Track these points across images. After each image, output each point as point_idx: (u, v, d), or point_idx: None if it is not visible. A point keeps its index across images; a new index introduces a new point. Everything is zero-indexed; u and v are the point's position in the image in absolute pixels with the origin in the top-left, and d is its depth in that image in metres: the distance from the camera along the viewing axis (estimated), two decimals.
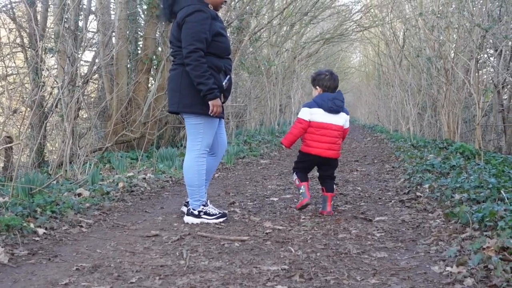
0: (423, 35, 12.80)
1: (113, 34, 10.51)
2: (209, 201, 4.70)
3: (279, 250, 3.61)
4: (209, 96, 4.28)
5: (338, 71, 33.98)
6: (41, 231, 3.97)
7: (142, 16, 12.05)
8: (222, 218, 4.53)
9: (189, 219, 4.52)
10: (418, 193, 5.65)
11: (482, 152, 7.86)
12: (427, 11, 12.02)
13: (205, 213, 4.51)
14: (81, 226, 4.30)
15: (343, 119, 4.93)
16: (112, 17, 11.06)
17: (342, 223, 4.49)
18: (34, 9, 9.92)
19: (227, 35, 4.63)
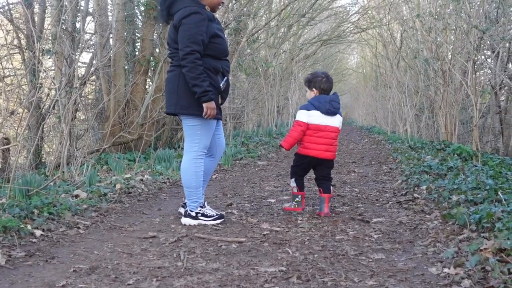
0: (420, 36, 12.81)
1: (111, 35, 10.52)
2: (206, 202, 4.69)
3: (276, 252, 3.60)
4: (203, 98, 4.27)
5: (335, 72, 34.08)
6: (38, 232, 3.96)
7: (140, 17, 12.05)
8: (220, 220, 4.53)
9: (186, 221, 4.52)
10: (416, 195, 5.65)
11: (479, 153, 7.86)
12: (424, 12, 12.02)
13: (203, 215, 4.51)
14: (79, 228, 4.30)
15: (339, 120, 4.98)
16: (110, 19, 11.07)
17: (339, 224, 4.49)
18: (31, 10, 9.92)
19: (225, 36, 4.63)
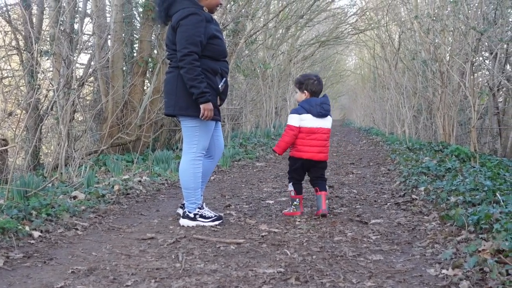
0: (418, 38, 12.83)
1: (109, 36, 10.51)
2: (205, 203, 4.69)
3: (275, 253, 3.60)
4: (200, 99, 4.26)
5: (333, 74, 34.11)
6: (36, 234, 3.95)
7: (138, 18, 12.03)
8: (218, 221, 4.52)
9: (184, 222, 4.51)
10: (414, 196, 5.65)
11: (477, 154, 7.88)
12: (422, 14, 12.06)
13: (201, 216, 4.50)
14: (77, 229, 4.29)
15: (330, 122, 5.04)
16: (108, 20, 11.06)
17: (337, 225, 4.49)
18: (29, 11, 9.90)
19: (223, 37, 4.63)
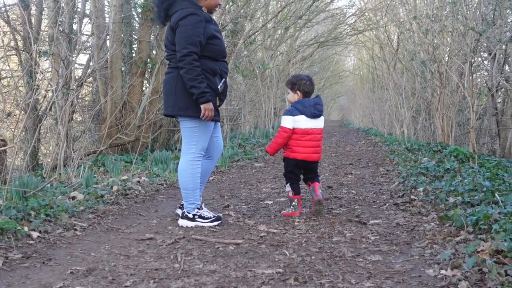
0: (417, 38, 12.84)
1: (108, 37, 10.51)
2: (204, 204, 4.69)
3: (273, 254, 3.60)
4: (201, 99, 4.27)
5: (332, 74, 34.12)
6: (35, 234, 3.95)
7: (137, 19, 12.05)
8: (217, 222, 4.52)
9: (183, 222, 4.51)
10: (413, 196, 5.65)
11: (476, 155, 7.88)
12: (421, 14, 12.05)
13: (200, 217, 4.50)
14: (75, 230, 4.29)
15: (322, 121, 5.08)
16: (107, 20, 11.05)
17: (336, 226, 4.49)
18: (28, 12, 9.90)
19: (222, 37, 4.63)
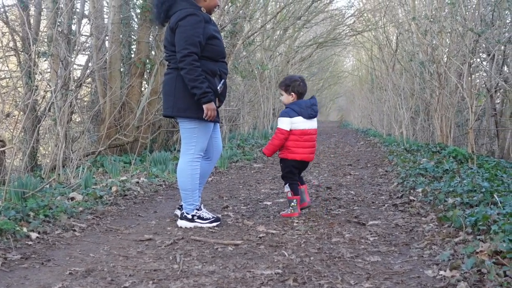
0: (416, 39, 12.84)
1: (106, 38, 10.50)
2: (203, 205, 4.69)
3: (272, 254, 3.61)
4: (203, 100, 4.27)
5: (331, 75, 34.13)
6: (34, 235, 3.95)
7: (136, 20, 12.03)
8: (216, 223, 4.52)
9: (182, 223, 4.51)
10: (412, 197, 5.65)
11: (475, 156, 7.88)
12: (420, 15, 12.06)
13: (199, 217, 4.50)
14: (74, 230, 4.29)
15: (316, 122, 5.12)
16: (106, 21, 11.05)
17: (335, 227, 4.49)
18: (27, 12, 9.89)
19: (221, 38, 4.63)
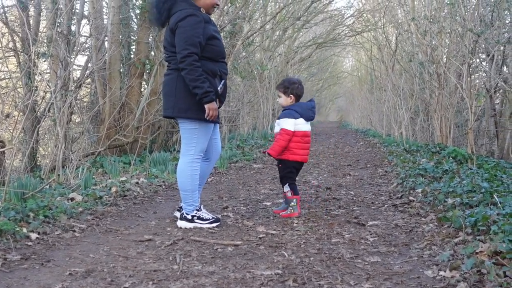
0: (415, 39, 12.85)
1: (106, 38, 10.50)
2: (202, 205, 4.69)
3: (272, 255, 3.60)
4: (205, 99, 4.27)
5: (330, 75, 34.16)
6: (34, 235, 3.95)
7: (135, 20, 12.04)
8: (216, 223, 4.52)
9: (182, 224, 4.51)
10: (411, 198, 5.66)
11: (474, 156, 7.88)
12: (419, 16, 12.06)
13: (199, 218, 4.50)
14: (74, 231, 4.29)
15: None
16: (105, 22, 11.04)
17: (335, 227, 4.49)
18: (26, 13, 9.88)
19: (221, 38, 4.63)
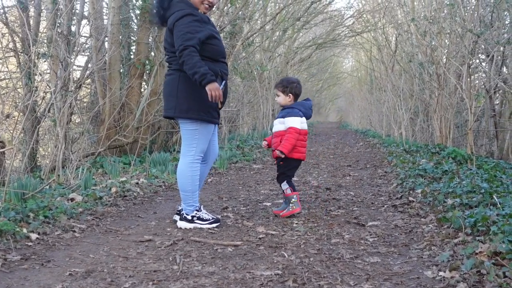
0: (415, 40, 12.85)
1: (106, 39, 10.50)
2: (202, 206, 4.69)
3: (272, 255, 3.61)
4: (203, 82, 4.18)
5: (330, 76, 34.16)
6: (34, 236, 3.95)
7: (135, 21, 12.03)
8: (215, 223, 4.52)
9: (182, 224, 4.51)
10: (411, 198, 5.66)
11: (474, 157, 7.89)
12: (419, 16, 12.08)
13: (199, 218, 4.50)
14: (74, 231, 4.29)
15: None
16: (105, 22, 11.05)
17: (335, 228, 4.49)
18: (27, 14, 9.88)
19: (221, 39, 4.63)
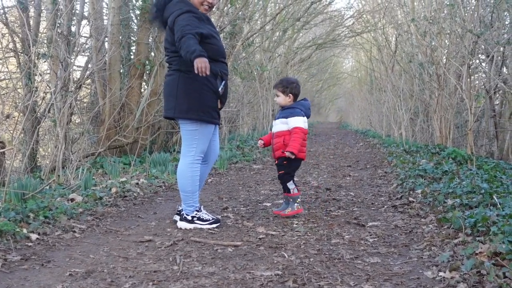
0: (415, 40, 12.85)
1: (106, 39, 10.51)
2: (202, 206, 4.69)
3: (272, 256, 3.61)
4: (191, 57, 4.02)
5: (330, 76, 34.17)
6: (34, 236, 3.95)
7: (135, 21, 12.04)
8: (216, 224, 4.52)
9: (182, 224, 4.51)
10: (411, 198, 5.66)
11: (474, 157, 7.89)
12: (419, 17, 12.08)
13: (199, 219, 4.50)
14: (74, 232, 4.29)
15: None
16: (105, 22, 11.05)
17: (335, 228, 4.49)
18: (27, 14, 9.89)
19: (220, 39, 4.63)
